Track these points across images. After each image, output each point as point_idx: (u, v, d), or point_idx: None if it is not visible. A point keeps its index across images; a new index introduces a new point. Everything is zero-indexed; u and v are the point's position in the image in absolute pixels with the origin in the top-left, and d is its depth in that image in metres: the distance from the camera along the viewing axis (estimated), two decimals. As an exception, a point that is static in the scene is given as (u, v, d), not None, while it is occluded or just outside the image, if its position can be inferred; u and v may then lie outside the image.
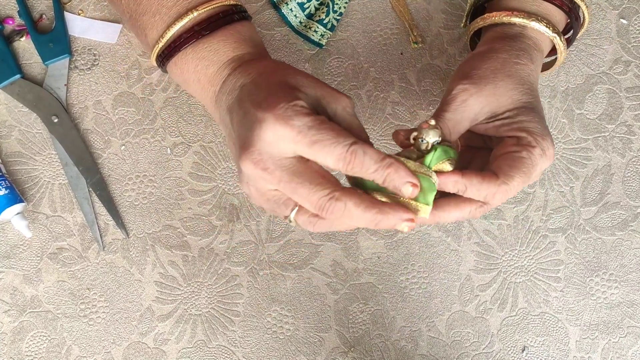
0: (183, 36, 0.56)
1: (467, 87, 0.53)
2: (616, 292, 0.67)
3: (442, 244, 0.67)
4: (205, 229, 0.66)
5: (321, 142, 0.46)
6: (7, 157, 0.67)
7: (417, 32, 0.69)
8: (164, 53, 0.57)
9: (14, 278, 0.65)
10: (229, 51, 0.56)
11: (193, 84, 0.57)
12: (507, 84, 0.54)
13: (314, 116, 0.47)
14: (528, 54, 0.57)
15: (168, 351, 0.65)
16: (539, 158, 0.53)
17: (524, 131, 0.53)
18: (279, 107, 0.47)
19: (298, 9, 0.68)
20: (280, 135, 0.47)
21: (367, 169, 0.47)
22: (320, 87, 0.51)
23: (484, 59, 0.56)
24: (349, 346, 0.66)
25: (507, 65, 0.55)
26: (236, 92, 0.53)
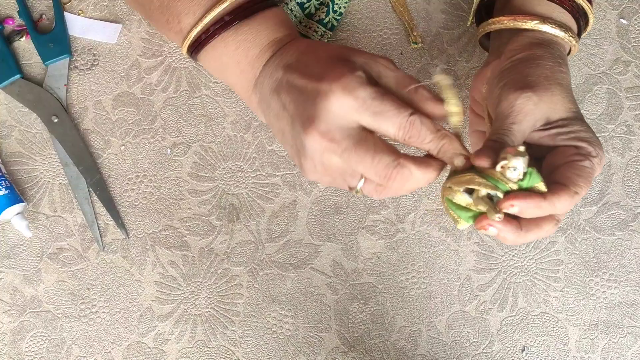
0: (225, 18, 0.56)
1: (529, 96, 0.52)
2: (616, 292, 0.67)
3: (442, 244, 0.67)
4: (205, 229, 0.66)
5: (383, 112, 0.49)
6: (7, 157, 0.67)
7: (416, 33, 0.69)
8: (201, 37, 0.57)
9: (14, 278, 0.65)
10: (270, 33, 0.56)
11: (232, 67, 0.58)
12: (559, 91, 0.54)
13: (376, 87, 0.49)
14: (565, 62, 0.57)
15: (168, 351, 0.65)
16: (598, 167, 0.53)
17: (583, 141, 0.53)
18: (343, 77, 0.49)
19: (298, 8, 0.68)
20: (346, 105, 0.49)
21: (424, 139, 0.50)
22: (360, 54, 0.52)
23: (532, 66, 0.55)
24: (348, 346, 0.66)
25: (555, 73, 0.55)
26: (280, 73, 0.54)
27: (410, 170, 0.50)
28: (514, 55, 0.57)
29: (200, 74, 0.68)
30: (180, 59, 0.68)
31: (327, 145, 0.50)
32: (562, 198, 0.50)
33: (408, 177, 0.50)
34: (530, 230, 0.52)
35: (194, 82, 0.68)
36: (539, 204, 0.49)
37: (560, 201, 0.50)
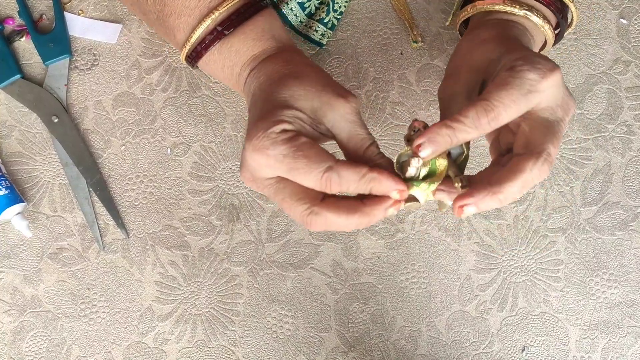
0: (207, 38, 0.57)
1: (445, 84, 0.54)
2: (616, 292, 0.67)
3: (442, 243, 0.67)
4: (205, 229, 0.67)
5: (296, 169, 0.48)
6: (7, 157, 0.67)
7: (417, 32, 0.69)
8: (192, 55, 0.58)
9: (14, 278, 0.65)
10: (248, 50, 0.57)
11: (226, 81, 0.60)
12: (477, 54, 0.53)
13: (290, 143, 0.48)
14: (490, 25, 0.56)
15: (168, 351, 0.65)
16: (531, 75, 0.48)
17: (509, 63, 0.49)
18: (255, 137, 0.49)
19: (298, 8, 0.68)
20: (258, 162, 0.49)
21: (348, 187, 0.48)
22: (317, 96, 0.51)
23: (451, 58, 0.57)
24: (349, 346, 0.66)
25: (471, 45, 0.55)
26: (250, 96, 0.55)
27: (327, 217, 0.49)
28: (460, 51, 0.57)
29: (200, 74, 0.69)
30: (180, 59, 0.69)
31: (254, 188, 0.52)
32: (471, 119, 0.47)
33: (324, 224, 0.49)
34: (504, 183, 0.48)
35: (194, 82, 0.68)
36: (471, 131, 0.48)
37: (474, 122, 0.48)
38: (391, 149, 0.68)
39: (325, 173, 0.47)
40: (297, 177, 0.48)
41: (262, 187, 0.51)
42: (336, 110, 0.51)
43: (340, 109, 0.51)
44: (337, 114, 0.51)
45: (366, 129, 0.52)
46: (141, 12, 0.61)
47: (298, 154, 0.48)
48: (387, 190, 0.48)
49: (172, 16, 0.58)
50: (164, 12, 0.58)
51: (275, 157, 0.48)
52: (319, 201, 0.49)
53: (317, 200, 0.49)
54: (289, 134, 0.49)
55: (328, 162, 0.48)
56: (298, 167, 0.48)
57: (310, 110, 0.51)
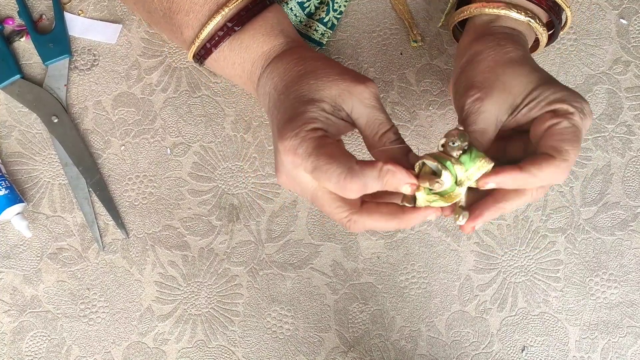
0: (217, 34, 0.57)
1: (476, 96, 0.52)
2: (616, 292, 0.67)
3: (441, 244, 0.67)
4: (205, 229, 0.67)
5: (318, 169, 0.48)
6: (7, 157, 0.67)
7: (416, 31, 0.69)
8: (201, 52, 0.58)
9: (14, 278, 0.65)
10: (257, 47, 0.57)
11: (235, 78, 0.60)
12: (509, 73, 0.53)
13: (317, 142, 0.48)
14: (511, 39, 0.56)
15: (168, 351, 0.65)
16: (582, 121, 0.51)
17: (555, 103, 0.51)
18: (286, 138, 0.49)
19: (298, 8, 0.68)
20: (293, 164, 0.50)
21: (365, 186, 0.48)
22: (335, 84, 0.52)
23: (474, 65, 0.55)
24: (348, 346, 0.66)
25: (499, 59, 0.54)
26: (267, 98, 0.55)
27: (365, 223, 0.50)
28: (460, 62, 0.57)
29: (200, 74, 0.69)
30: (180, 59, 0.69)
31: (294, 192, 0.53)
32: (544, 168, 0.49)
33: (363, 229, 0.51)
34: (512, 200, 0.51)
35: (194, 82, 0.68)
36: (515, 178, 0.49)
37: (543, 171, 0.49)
38: (391, 149, 0.68)
39: (348, 175, 0.47)
40: (320, 177, 0.48)
41: (300, 190, 0.52)
42: (355, 95, 0.51)
43: (359, 94, 0.52)
44: (356, 99, 0.51)
45: (385, 114, 0.52)
46: (145, 10, 0.61)
47: (322, 152, 0.48)
48: (399, 184, 0.48)
49: (180, 13, 0.58)
50: (172, 9, 0.58)
51: (302, 155, 0.48)
52: (357, 208, 0.50)
53: (356, 207, 0.50)
54: (319, 132, 0.49)
55: (350, 163, 0.48)
56: (320, 165, 0.48)
57: (330, 98, 0.51)
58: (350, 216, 0.50)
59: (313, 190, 0.51)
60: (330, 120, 0.51)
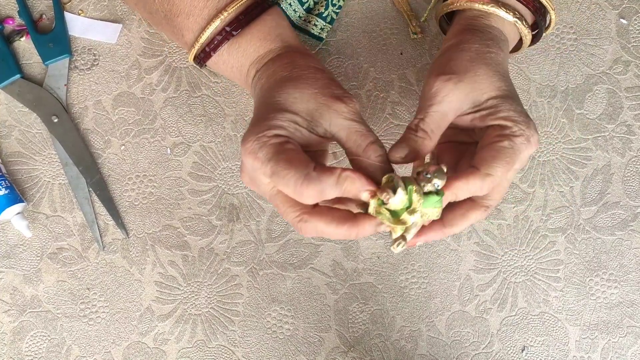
0: (216, 39, 0.57)
1: (449, 78, 0.53)
2: (616, 292, 0.67)
3: (441, 243, 0.67)
4: (205, 228, 0.67)
5: (276, 174, 0.49)
6: (7, 157, 0.67)
7: (415, 23, 0.69)
8: (200, 55, 0.59)
9: (14, 278, 0.65)
10: (254, 51, 0.57)
11: (234, 79, 0.60)
12: (485, 72, 0.54)
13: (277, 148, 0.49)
14: (496, 43, 0.57)
15: (168, 351, 0.65)
16: (522, 146, 0.52)
17: (507, 120, 0.52)
18: (247, 141, 0.50)
19: (297, 3, 0.68)
20: (252, 166, 0.50)
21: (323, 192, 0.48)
22: (313, 98, 0.52)
23: (458, 50, 0.55)
24: (348, 346, 0.66)
25: (481, 54, 0.55)
26: (255, 98, 0.56)
27: (316, 226, 0.50)
28: (446, 44, 0.58)
29: (200, 74, 0.69)
30: (181, 59, 0.69)
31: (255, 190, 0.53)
32: (470, 181, 0.50)
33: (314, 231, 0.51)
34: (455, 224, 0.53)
35: (194, 82, 0.68)
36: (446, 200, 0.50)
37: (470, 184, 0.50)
38: (391, 149, 0.68)
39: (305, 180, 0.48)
40: (278, 182, 0.49)
41: (259, 190, 0.52)
42: (333, 110, 0.51)
43: (338, 109, 0.52)
44: (334, 113, 0.51)
45: (366, 126, 0.52)
46: (147, 11, 0.61)
47: (281, 157, 0.48)
48: (358, 191, 0.48)
49: (180, 16, 0.58)
50: (172, 12, 0.58)
51: (261, 159, 0.49)
52: (309, 209, 0.50)
53: (307, 208, 0.50)
54: (280, 139, 0.50)
55: (308, 169, 0.48)
56: (278, 170, 0.48)
57: (306, 112, 0.51)
58: (301, 215, 0.50)
59: (270, 191, 0.51)
60: (299, 133, 0.51)
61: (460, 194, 0.51)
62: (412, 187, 0.48)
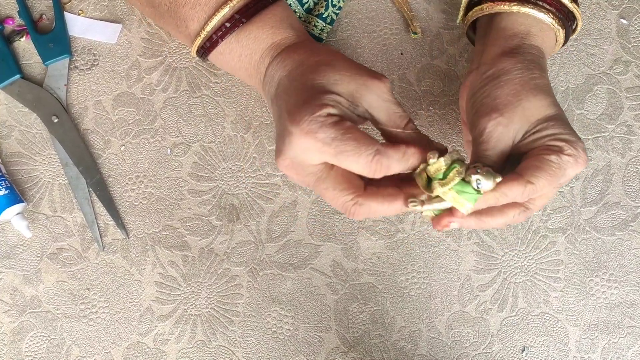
0: (225, 26, 0.57)
1: (499, 121, 0.53)
2: (616, 292, 0.67)
3: (442, 244, 0.67)
4: (205, 229, 0.66)
5: (345, 152, 0.49)
6: (7, 157, 0.67)
7: (416, 22, 0.69)
8: (206, 44, 0.58)
9: (14, 278, 0.65)
10: (267, 38, 0.57)
11: (240, 71, 0.60)
12: (532, 101, 0.54)
13: (338, 127, 0.49)
14: (538, 65, 0.57)
15: (168, 351, 0.65)
16: (569, 164, 0.52)
17: (558, 140, 0.53)
18: (303, 121, 0.49)
19: (297, 4, 0.68)
20: (307, 147, 0.50)
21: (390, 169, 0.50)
22: (353, 79, 0.52)
23: (500, 84, 0.55)
24: (348, 346, 0.66)
25: (525, 83, 0.55)
26: (275, 84, 0.55)
27: (370, 207, 0.51)
28: (485, 72, 0.57)
29: (200, 74, 0.68)
30: (181, 59, 0.68)
31: (291, 175, 0.53)
32: (512, 187, 0.51)
33: (369, 212, 0.51)
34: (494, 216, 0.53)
35: (194, 82, 0.68)
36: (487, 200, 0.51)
37: (511, 190, 0.51)
38: (391, 149, 0.68)
39: (376, 156, 0.49)
40: (345, 160, 0.49)
41: (303, 174, 0.52)
42: (373, 91, 0.52)
43: (377, 89, 0.52)
44: (374, 95, 0.52)
45: (402, 107, 0.53)
46: (149, 5, 0.61)
47: (347, 137, 0.49)
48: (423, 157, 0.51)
49: (186, 6, 0.58)
50: (177, 2, 0.58)
51: (324, 140, 0.49)
52: (362, 191, 0.51)
53: (360, 190, 0.51)
54: (335, 117, 0.49)
55: (376, 145, 0.49)
56: (347, 149, 0.49)
57: (348, 93, 0.52)
58: (356, 198, 0.51)
59: (318, 174, 0.51)
60: (345, 113, 0.51)
61: (500, 197, 0.51)
62: (456, 166, 0.50)
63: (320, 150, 0.49)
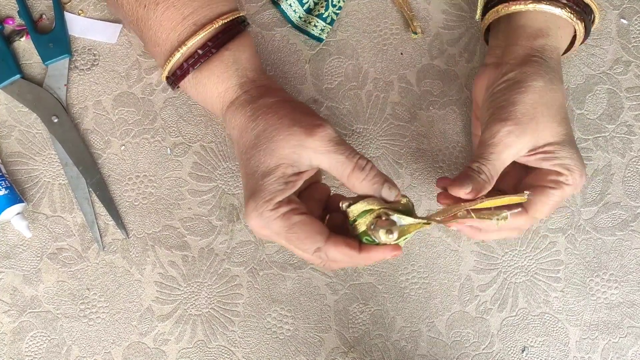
0: (177, 72, 0.58)
1: (511, 130, 0.54)
2: (616, 293, 0.67)
3: (442, 244, 0.67)
4: (205, 229, 0.66)
5: (291, 246, 0.53)
6: (7, 157, 0.67)
7: (416, 23, 0.69)
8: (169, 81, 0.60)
9: (14, 278, 0.65)
10: (213, 86, 0.58)
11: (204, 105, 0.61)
12: (546, 117, 0.55)
13: (284, 221, 0.52)
14: (558, 74, 0.58)
15: (168, 351, 0.65)
16: (570, 191, 0.56)
17: (564, 168, 0.55)
18: (251, 217, 0.53)
19: (297, 4, 0.68)
20: (259, 234, 0.55)
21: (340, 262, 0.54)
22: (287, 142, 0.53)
23: (521, 91, 0.56)
24: (348, 346, 0.66)
25: (544, 95, 0.56)
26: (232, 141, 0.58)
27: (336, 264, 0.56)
28: (507, 73, 0.57)
29: (200, 74, 0.68)
30: (180, 59, 0.68)
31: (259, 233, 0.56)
32: (521, 222, 0.57)
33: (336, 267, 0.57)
34: (489, 233, 0.58)
35: (194, 82, 0.68)
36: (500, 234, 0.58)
37: (521, 224, 0.57)
38: (391, 148, 0.68)
39: (315, 253, 0.53)
40: (293, 250, 0.54)
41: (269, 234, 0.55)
42: (309, 147, 0.53)
43: (312, 145, 0.53)
44: (311, 151, 0.53)
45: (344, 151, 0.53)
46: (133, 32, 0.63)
47: (290, 235, 0.52)
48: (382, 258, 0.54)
49: (149, 43, 0.59)
50: (143, 39, 0.59)
51: (271, 235, 0.53)
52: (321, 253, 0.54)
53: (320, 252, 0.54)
54: (283, 208, 0.52)
55: (317, 243, 0.52)
56: (291, 245, 0.53)
57: (287, 158, 0.53)
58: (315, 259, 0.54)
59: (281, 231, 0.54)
60: (290, 181, 0.53)
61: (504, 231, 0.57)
62: (363, 215, 0.53)
63: (270, 238, 0.54)
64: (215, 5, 0.57)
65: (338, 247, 0.52)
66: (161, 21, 0.56)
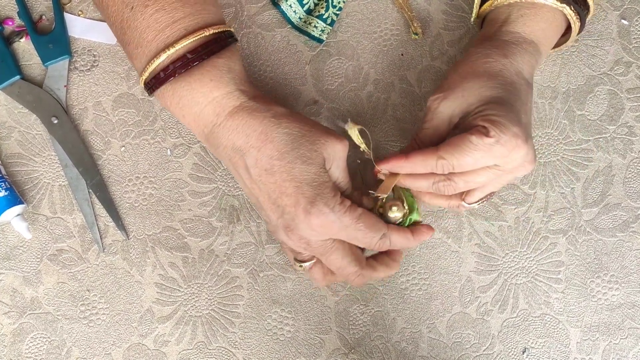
0: (160, 74, 0.56)
1: (436, 98, 0.59)
2: (617, 294, 0.67)
3: (442, 245, 0.67)
4: (206, 230, 0.66)
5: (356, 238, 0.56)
6: (7, 159, 0.67)
7: (417, 23, 0.69)
8: (148, 84, 0.57)
9: (14, 280, 0.65)
10: (206, 92, 0.56)
11: (179, 117, 0.58)
12: (474, 83, 0.58)
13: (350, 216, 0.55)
14: (501, 50, 0.59)
15: (168, 353, 0.65)
16: (489, 146, 0.55)
17: (488, 121, 0.55)
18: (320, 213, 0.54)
19: (297, 5, 0.68)
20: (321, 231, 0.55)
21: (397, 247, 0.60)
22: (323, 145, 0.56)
23: (456, 66, 0.61)
24: (349, 348, 0.66)
25: (475, 66, 0.59)
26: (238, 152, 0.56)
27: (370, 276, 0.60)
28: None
29: (200, 75, 0.68)
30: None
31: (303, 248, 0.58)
32: (424, 156, 0.56)
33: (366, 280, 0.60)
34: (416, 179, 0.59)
35: (194, 83, 0.68)
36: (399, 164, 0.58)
37: (424, 159, 0.56)
38: (391, 149, 0.68)
39: (381, 240, 0.57)
40: (356, 242, 0.57)
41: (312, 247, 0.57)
42: (336, 153, 0.57)
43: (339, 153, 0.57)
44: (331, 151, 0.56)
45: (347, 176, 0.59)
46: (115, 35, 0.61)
47: (359, 225, 0.55)
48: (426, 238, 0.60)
49: (130, 45, 0.57)
50: (124, 40, 0.58)
51: (339, 230, 0.55)
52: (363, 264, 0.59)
53: (362, 263, 0.59)
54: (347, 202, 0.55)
55: (382, 230, 0.57)
56: (358, 236, 0.56)
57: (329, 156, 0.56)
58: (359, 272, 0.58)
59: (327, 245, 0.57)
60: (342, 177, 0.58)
61: (416, 166, 0.57)
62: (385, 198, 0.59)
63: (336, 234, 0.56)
64: (207, 15, 0.56)
65: (399, 232, 0.58)
66: (149, 23, 0.55)
